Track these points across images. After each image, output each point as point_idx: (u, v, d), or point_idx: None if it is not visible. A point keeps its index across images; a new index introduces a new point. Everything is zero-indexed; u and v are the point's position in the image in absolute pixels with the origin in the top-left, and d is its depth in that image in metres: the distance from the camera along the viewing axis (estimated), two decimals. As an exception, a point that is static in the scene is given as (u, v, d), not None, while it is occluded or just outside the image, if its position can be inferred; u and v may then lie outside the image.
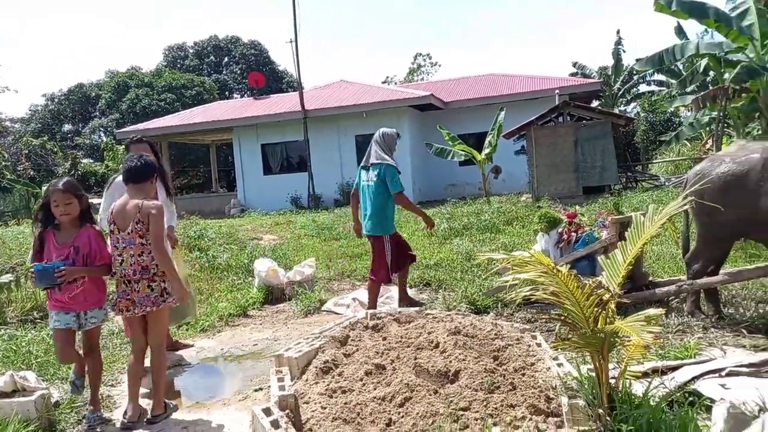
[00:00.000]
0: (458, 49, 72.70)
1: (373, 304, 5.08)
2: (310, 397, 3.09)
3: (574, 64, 29.14)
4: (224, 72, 42.70)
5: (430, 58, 45.08)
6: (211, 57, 43.32)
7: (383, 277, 5.04)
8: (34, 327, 5.09)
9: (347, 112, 18.23)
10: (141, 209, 3.21)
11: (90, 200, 3.99)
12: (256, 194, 19.32)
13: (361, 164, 5.19)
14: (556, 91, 16.69)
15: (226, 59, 43.44)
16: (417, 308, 4.77)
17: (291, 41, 18.90)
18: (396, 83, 39.99)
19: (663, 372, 3.00)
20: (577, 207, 9.40)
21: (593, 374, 2.70)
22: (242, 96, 38.39)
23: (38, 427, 3.00)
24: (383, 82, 38.27)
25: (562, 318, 2.75)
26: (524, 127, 14.16)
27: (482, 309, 4.93)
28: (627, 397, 2.56)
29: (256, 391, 3.64)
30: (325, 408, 2.92)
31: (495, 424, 2.60)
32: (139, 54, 76.43)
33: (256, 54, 42.38)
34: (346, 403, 2.91)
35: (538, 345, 3.52)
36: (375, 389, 3.06)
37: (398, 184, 4.91)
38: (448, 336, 3.54)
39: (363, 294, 5.86)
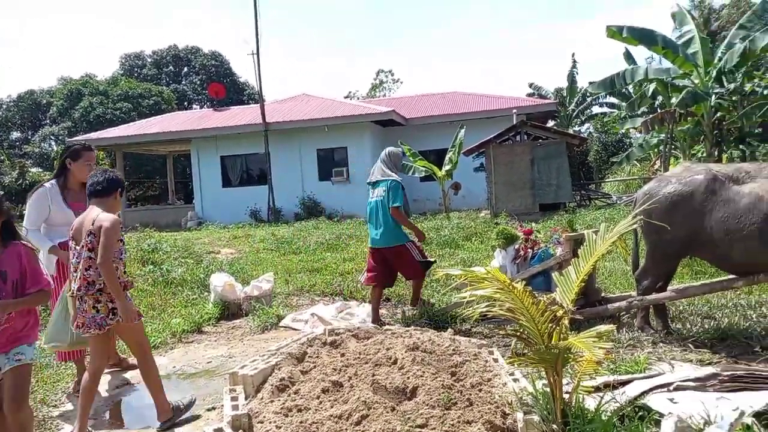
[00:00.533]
0: (423, 66, 73.92)
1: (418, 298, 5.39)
2: (265, 416, 3.02)
3: (531, 85, 30.02)
4: (183, 82, 41.97)
5: (392, 74, 45.59)
6: (170, 66, 42.52)
7: (419, 274, 5.29)
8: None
9: (309, 126, 18.18)
10: (95, 222, 3.08)
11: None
12: (214, 207, 18.94)
13: (367, 181, 5.49)
14: (514, 110, 17.14)
15: (185, 69, 42.72)
16: (380, 326, 4.76)
17: (253, 53, 18.75)
18: (358, 98, 40.19)
19: (614, 386, 3.07)
20: (534, 224, 9.61)
21: (548, 389, 2.74)
22: (202, 107, 37.78)
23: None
24: (345, 97, 38.41)
25: (518, 334, 2.79)
26: (483, 145, 14.45)
27: (441, 324, 4.95)
28: (580, 412, 2.60)
29: (209, 410, 3.53)
30: (280, 427, 2.86)
31: (452, 441, 2.60)
32: (94, 61, 74.32)
33: (217, 65, 41.87)
34: (301, 422, 2.86)
35: (495, 360, 3.55)
36: (332, 407, 3.01)
37: (399, 199, 5.10)
38: (406, 352, 3.53)
39: (322, 309, 5.80)
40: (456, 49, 77.19)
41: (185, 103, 39.92)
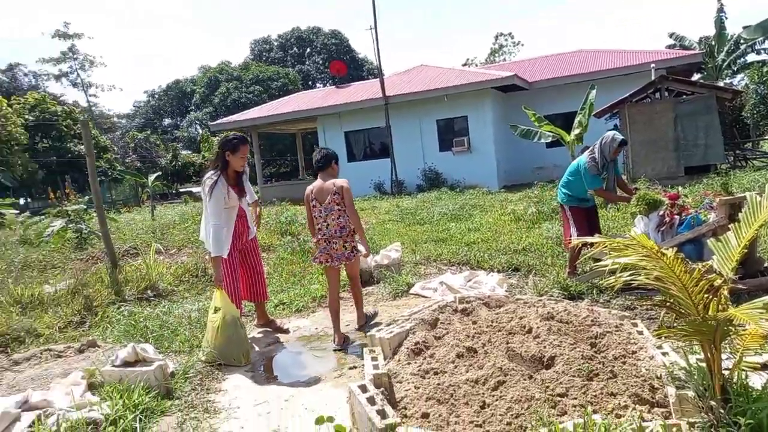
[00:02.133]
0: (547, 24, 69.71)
1: (571, 268, 5.39)
2: (402, 377, 3.16)
3: (672, 35, 26.99)
4: (307, 62, 43.88)
5: (512, 37, 43.66)
6: (294, 48, 44.64)
7: (569, 244, 5.46)
8: (149, 305, 5.57)
9: (428, 97, 18.11)
10: (335, 185, 4.32)
11: (190, 189, 4.33)
12: (340, 181, 19.75)
13: None
14: (652, 65, 15.59)
15: (308, 50, 44.59)
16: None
17: (371, 28, 18.99)
18: (477, 65, 39.13)
19: (784, 364, 2.76)
20: (680, 188, 8.80)
21: (703, 364, 2.54)
22: (324, 85, 39.30)
23: (158, 394, 3.29)
24: (463, 65, 37.62)
25: (667, 305, 2.61)
26: (617, 105, 13.38)
27: (576, 295, 4.77)
28: (743, 390, 2.39)
29: (351, 369, 3.77)
30: (418, 388, 2.98)
31: (595, 412, 2.53)
32: (228, 49, 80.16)
33: (337, 43, 43.14)
34: (438, 384, 2.95)
35: (640, 333, 3.36)
36: (467, 372, 3.07)
37: (591, 183, 5.31)
38: (541, 321, 3.47)
39: (450, 278, 5.87)
40: (582, 6, 71.58)
41: (309, 83, 41.81)
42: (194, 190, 28.22)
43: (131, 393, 3.18)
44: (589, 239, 2.89)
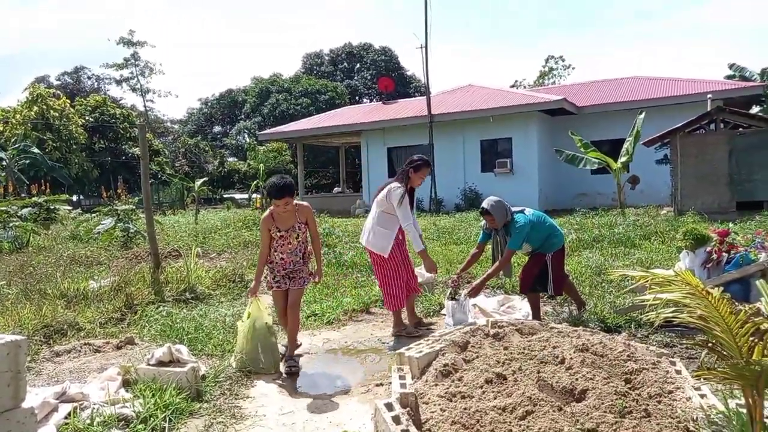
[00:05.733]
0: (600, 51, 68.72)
1: (534, 313, 5.04)
2: (429, 398, 3.13)
3: (731, 66, 26.07)
4: (356, 78, 44.57)
5: (563, 60, 43.16)
6: (345, 63, 45.44)
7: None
8: (186, 306, 5.72)
9: (473, 117, 18.09)
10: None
11: (233, 195, 4.42)
12: (380, 196, 19.84)
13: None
14: (709, 95, 15.12)
15: (358, 65, 45.31)
16: (539, 322, 4.62)
17: (421, 47, 19.16)
18: (525, 87, 38.82)
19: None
20: (730, 224, 8.46)
21: (743, 410, 2.42)
22: (371, 100, 39.79)
23: (188, 396, 3.36)
24: (512, 86, 37.36)
25: (709, 345, 2.51)
26: (668, 135, 13.02)
27: (613, 328, 4.63)
28: (786, 442, 2.26)
29: (377, 385, 3.75)
30: (444, 411, 2.94)
31: (625, 451, 2.44)
32: (281, 61, 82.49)
33: (387, 60, 43.67)
34: (465, 409, 2.91)
35: (678, 372, 3.23)
36: (495, 398, 3.02)
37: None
38: (574, 353, 3.38)
39: (483, 301, 5.79)
40: (636, 33, 70.30)
41: (356, 97, 42.41)
42: (237, 196, 28.93)
43: (163, 392, 3.26)
44: (632, 272, 2.82)
